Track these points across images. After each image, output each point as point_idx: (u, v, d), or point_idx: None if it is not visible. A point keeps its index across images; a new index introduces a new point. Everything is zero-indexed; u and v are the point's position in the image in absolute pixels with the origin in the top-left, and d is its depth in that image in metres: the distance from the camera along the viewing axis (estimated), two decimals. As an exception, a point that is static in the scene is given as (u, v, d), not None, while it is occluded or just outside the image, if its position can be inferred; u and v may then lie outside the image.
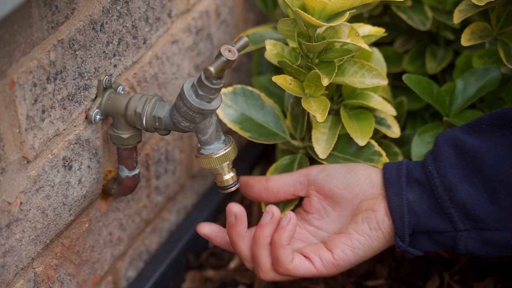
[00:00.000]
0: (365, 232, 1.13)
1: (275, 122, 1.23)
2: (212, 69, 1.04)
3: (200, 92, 1.07)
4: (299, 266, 1.12)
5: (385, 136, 1.28)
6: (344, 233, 1.14)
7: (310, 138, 1.21)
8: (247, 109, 1.23)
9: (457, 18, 1.19)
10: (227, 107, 1.23)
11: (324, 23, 1.09)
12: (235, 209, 1.13)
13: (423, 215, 1.12)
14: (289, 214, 1.12)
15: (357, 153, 1.20)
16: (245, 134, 1.21)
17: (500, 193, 1.08)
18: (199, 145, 1.13)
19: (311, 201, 1.17)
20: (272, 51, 1.19)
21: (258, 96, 1.24)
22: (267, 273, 1.13)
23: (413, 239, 1.14)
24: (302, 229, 1.18)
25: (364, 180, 1.15)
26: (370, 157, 1.19)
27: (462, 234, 1.11)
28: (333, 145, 1.18)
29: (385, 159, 1.19)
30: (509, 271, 1.32)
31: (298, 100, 1.19)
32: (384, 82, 1.17)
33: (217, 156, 1.11)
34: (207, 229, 1.18)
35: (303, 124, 1.21)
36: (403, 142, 1.32)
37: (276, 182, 1.18)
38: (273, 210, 1.12)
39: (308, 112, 1.20)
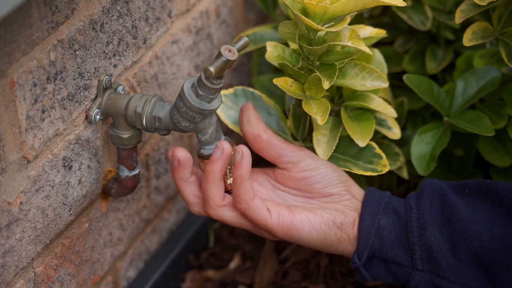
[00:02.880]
0: (329, 223, 1.15)
1: (277, 123, 1.23)
2: (212, 69, 1.04)
3: (200, 92, 1.07)
4: (259, 209, 1.12)
5: (385, 136, 1.27)
6: (310, 211, 1.15)
7: (311, 139, 1.21)
8: None
9: (459, 18, 1.19)
10: (228, 108, 1.23)
11: (325, 28, 1.09)
12: (179, 154, 1.12)
13: (387, 243, 1.14)
14: (241, 149, 1.10)
15: (358, 155, 1.20)
16: None
17: (462, 250, 1.12)
18: (199, 146, 1.13)
19: (287, 175, 1.18)
20: (273, 52, 1.19)
21: (259, 97, 1.24)
22: (215, 209, 1.13)
23: (369, 262, 1.16)
24: (268, 190, 1.19)
25: (343, 186, 1.17)
26: (370, 159, 1.20)
27: (417, 273, 1.14)
28: (334, 147, 1.19)
29: (385, 161, 1.19)
30: None
31: (299, 101, 1.19)
32: (385, 84, 1.17)
33: None
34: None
35: (305, 125, 1.21)
36: (403, 142, 1.32)
37: (271, 139, 1.17)
38: (224, 145, 1.10)
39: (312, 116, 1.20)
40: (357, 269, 1.17)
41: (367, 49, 1.12)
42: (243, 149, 1.10)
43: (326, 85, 1.12)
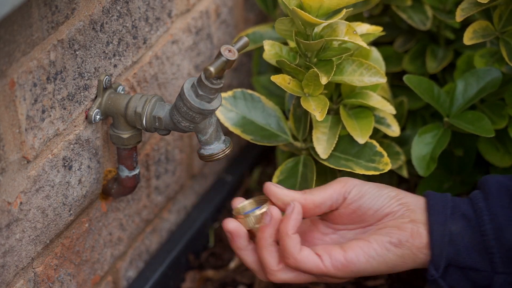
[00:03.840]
0: (385, 245, 1.11)
1: (277, 123, 1.23)
2: (212, 69, 1.04)
3: (200, 92, 1.07)
4: (307, 258, 1.10)
5: (386, 136, 1.27)
6: (364, 239, 1.12)
7: (312, 139, 1.21)
8: (248, 112, 1.23)
9: (459, 16, 1.19)
10: (228, 111, 1.23)
11: (321, 20, 1.09)
12: (229, 226, 1.11)
13: (463, 250, 1.10)
14: (293, 204, 1.10)
15: (359, 154, 1.20)
16: (247, 137, 1.21)
17: None
18: (199, 146, 1.13)
19: (337, 214, 1.15)
20: (270, 51, 1.19)
21: (258, 99, 1.24)
22: (273, 274, 1.11)
23: (445, 271, 1.12)
24: (330, 236, 1.16)
25: (395, 202, 1.13)
26: (371, 158, 1.19)
27: (500, 277, 1.10)
28: (334, 145, 1.18)
29: (386, 159, 1.19)
30: None
31: (299, 101, 1.19)
32: (383, 80, 1.17)
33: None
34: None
35: (306, 125, 1.21)
36: (403, 142, 1.32)
37: (314, 200, 1.14)
38: (272, 211, 1.11)
39: (311, 113, 1.20)
40: (433, 281, 1.12)
41: (363, 43, 1.12)
42: (295, 205, 1.10)
43: (323, 80, 1.12)
